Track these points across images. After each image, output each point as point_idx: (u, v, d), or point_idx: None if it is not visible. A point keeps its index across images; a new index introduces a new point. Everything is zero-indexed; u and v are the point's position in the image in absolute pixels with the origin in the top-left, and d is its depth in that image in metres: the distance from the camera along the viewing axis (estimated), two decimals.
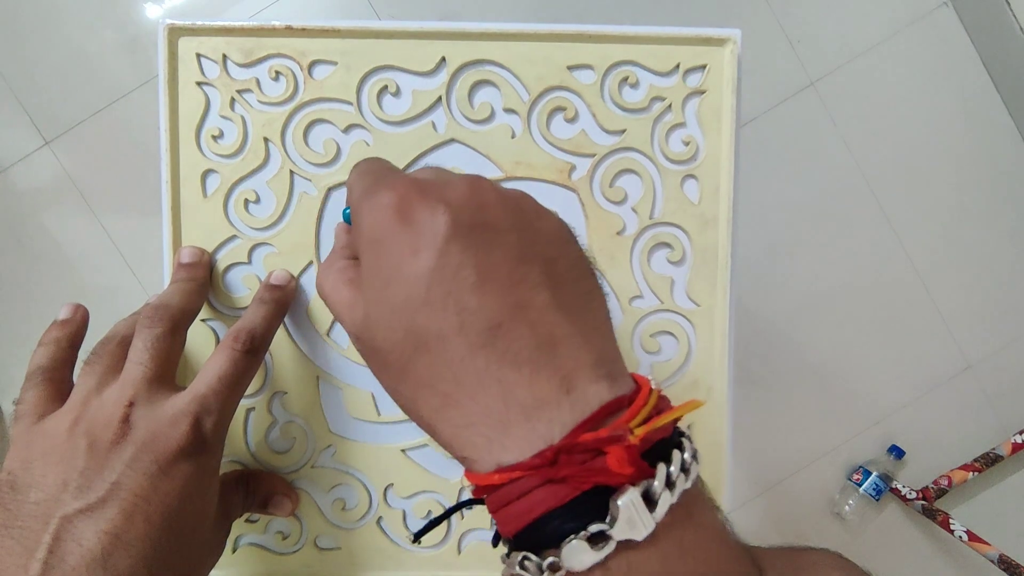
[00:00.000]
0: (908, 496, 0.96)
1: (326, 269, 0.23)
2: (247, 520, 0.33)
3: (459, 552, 0.33)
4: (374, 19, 0.88)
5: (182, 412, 0.25)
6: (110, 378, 0.26)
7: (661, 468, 0.16)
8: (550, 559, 0.16)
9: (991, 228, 0.98)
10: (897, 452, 0.97)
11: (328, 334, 0.32)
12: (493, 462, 0.17)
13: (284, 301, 0.31)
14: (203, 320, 0.32)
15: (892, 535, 1.01)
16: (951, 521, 0.91)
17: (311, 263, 0.32)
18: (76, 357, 0.28)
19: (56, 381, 0.27)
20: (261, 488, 0.32)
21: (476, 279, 0.18)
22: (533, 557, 0.16)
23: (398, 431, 0.33)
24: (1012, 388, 1.00)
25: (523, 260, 0.18)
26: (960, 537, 0.90)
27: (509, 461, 0.17)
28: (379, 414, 0.33)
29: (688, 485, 0.17)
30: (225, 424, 0.27)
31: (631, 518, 0.16)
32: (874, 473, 0.96)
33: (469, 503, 0.20)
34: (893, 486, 0.97)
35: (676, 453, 0.17)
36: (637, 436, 0.16)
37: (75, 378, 0.27)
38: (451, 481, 0.33)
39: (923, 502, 0.94)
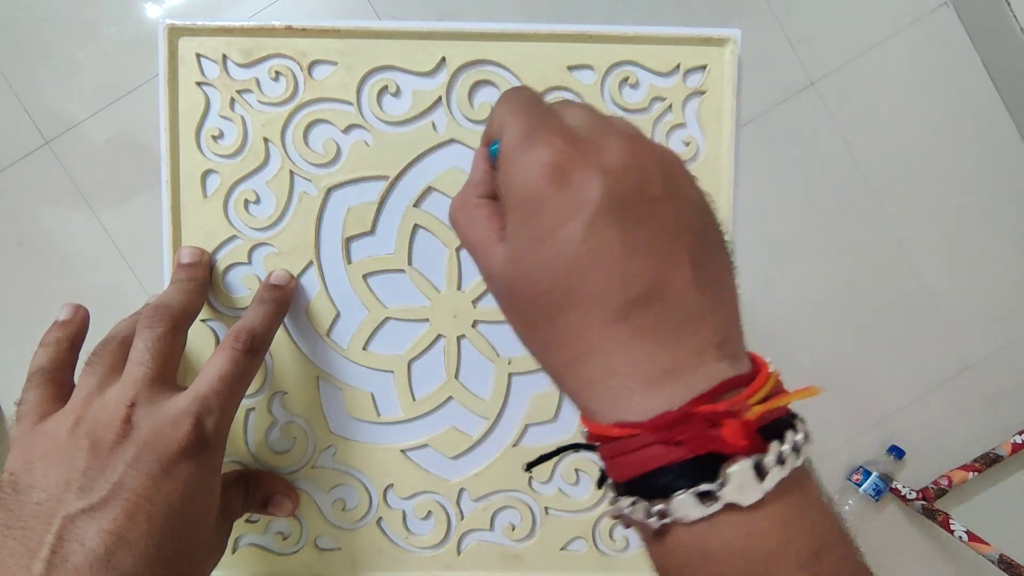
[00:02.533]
0: (908, 496, 0.96)
1: (462, 204, 0.23)
2: (247, 520, 0.33)
3: (459, 552, 0.33)
4: (374, 19, 0.88)
5: (184, 412, 0.25)
6: (111, 378, 0.26)
7: (775, 445, 0.18)
8: (659, 506, 0.18)
9: (991, 228, 0.98)
10: (897, 452, 0.97)
11: (328, 334, 0.32)
12: (614, 418, 0.19)
13: (284, 301, 0.31)
14: (203, 320, 0.32)
15: (892, 535, 1.01)
16: (951, 521, 0.91)
17: (311, 263, 0.32)
18: (77, 358, 0.28)
19: (57, 382, 0.27)
20: (261, 488, 0.32)
21: (623, 252, 0.18)
22: (644, 502, 0.18)
23: (398, 431, 0.33)
24: (1012, 388, 1.00)
25: (671, 234, 0.19)
26: (960, 537, 0.90)
27: (630, 419, 0.18)
28: (379, 414, 0.33)
29: (798, 463, 0.18)
30: (227, 424, 0.27)
31: (741, 484, 0.17)
32: (874, 473, 0.96)
33: (581, 446, 0.22)
34: (893, 486, 0.97)
35: (789, 433, 0.18)
36: (755, 413, 0.17)
37: (76, 379, 0.27)
38: (451, 482, 0.33)
39: (923, 502, 0.94)
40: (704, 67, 0.32)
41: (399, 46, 0.31)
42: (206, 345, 0.32)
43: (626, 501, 0.19)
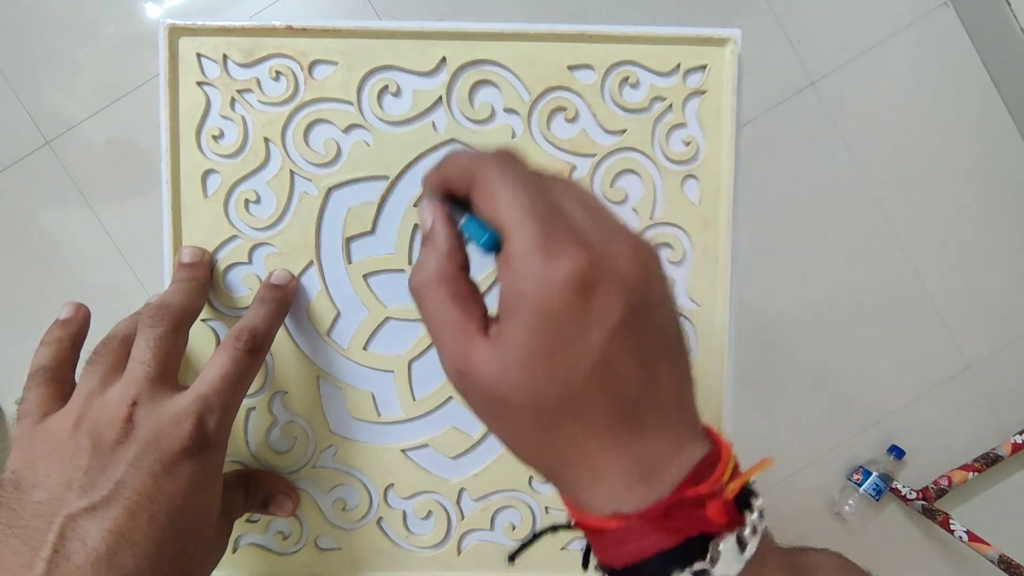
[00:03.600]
0: (908, 496, 0.96)
1: (437, 279, 0.21)
2: (247, 520, 0.33)
3: (459, 553, 0.33)
4: (374, 19, 0.88)
5: (185, 411, 0.25)
6: (113, 377, 0.26)
7: (749, 516, 0.20)
8: None
9: (991, 228, 0.98)
10: (897, 452, 0.97)
11: (328, 334, 0.32)
12: (610, 509, 0.20)
13: (285, 300, 0.31)
14: (204, 320, 0.32)
15: (892, 535, 1.01)
16: (951, 521, 0.91)
17: (311, 263, 0.32)
18: (78, 357, 0.28)
19: (58, 381, 0.27)
20: (261, 488, 0.32)
21: (631, 358, 0.19)
22: None
23: (398, 431, 0.33)
24: (1012, 388, 1.00)
25: (663, 335, 0.20)
26: (960, 537, 0.90)
27: (627, 510, 0.19)
28: (379, 414, 0.33)
29: (763, 526, 0.20)
30: (228, 423, 0.27)
31: (728, 559, 0.19)
32: (874, 473, 0.96)
33: (560, 527, 0.23)
34: (893, 486, 0.97)
35: (754, 500, 0.20)
36: (731, 491, 0.19)
37: (77, 378, 0.27)
38: (451, 481, 0.33)
39: (923, 502, 0.94)
40: (704, 67, 0.32)
41: (399, 46, 0.31)
42: (207, 345, 0.32)
43: None
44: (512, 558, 0.26)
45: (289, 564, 0.33)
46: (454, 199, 0.23)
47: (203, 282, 0.30)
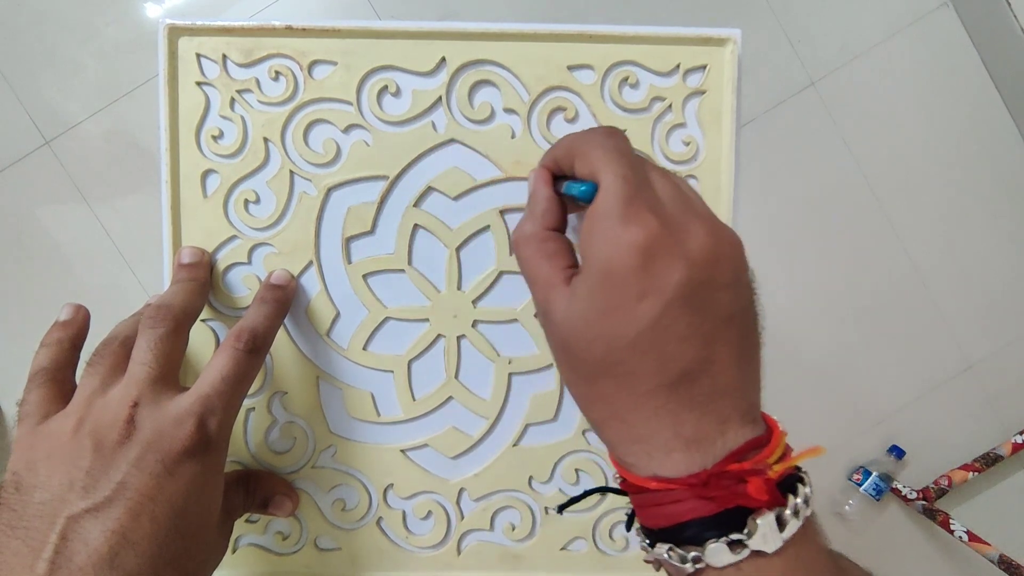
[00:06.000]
0: (908, 496, 0.96)
1: (529, 236, 0.24)
2: (247, 520, 0.33)
3: (459, 553, 0.33)
4: (374, 19, 0.88)
5: (187, 412, 0.25)
6: (113, 378, 0.26)
7: (791, 499, 0.20)
8: (694, 553, 0.20)
9: (991, 228, 0.98)
10: (897, 452, 0.97)
11: (328, 334, 0.32)
12: (650, 471, 0.21)
13: (285, 301, 0.31)
14: (203, 320, 0.32)
15: (892, 535, 1.01)
16: (951, 521, 0.91)
17: (311, 263, 0.32)
18: (78, 358, 0.28)
19: (59, 382, 0.27)
20: (261, 488, 0.32)
21: (684, 333, 0.20)
22: (678, 549, 0.20)
23: (398, 431, 0.33)
24: (1012, 388, 1.00)
25: (727, 318, 0.21)
26: (960, 537, 0.90)
27: (666, 475, 0.20)
28: (379, 415, 0.33)
29: (808, 513, 0.21)
30: (229, 424, 0.27)
31: (765, 534, 0.19)
32: (874, 473, 0.96)
33: (613, 490, 0.24)
34: (893, 486, 0.97)
35: (800, 487, 0.21)
36: (776, 472, 0.20)
37: (78, 379, 0.27)
38: (451, 482, 0.33)
39: (923, 502, 0.94)
40: (704, 67, 0.32)
41: (399, 46, 0.31)
42: (207, 345, 0.32)
43: (663, 548, 0.21)
44: (561, 509, 0.28)
45: (289, 564, 0.33)
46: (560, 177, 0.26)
47: (203, 282, 0.30)
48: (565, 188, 0.25)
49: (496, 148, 0.32)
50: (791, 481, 0.21)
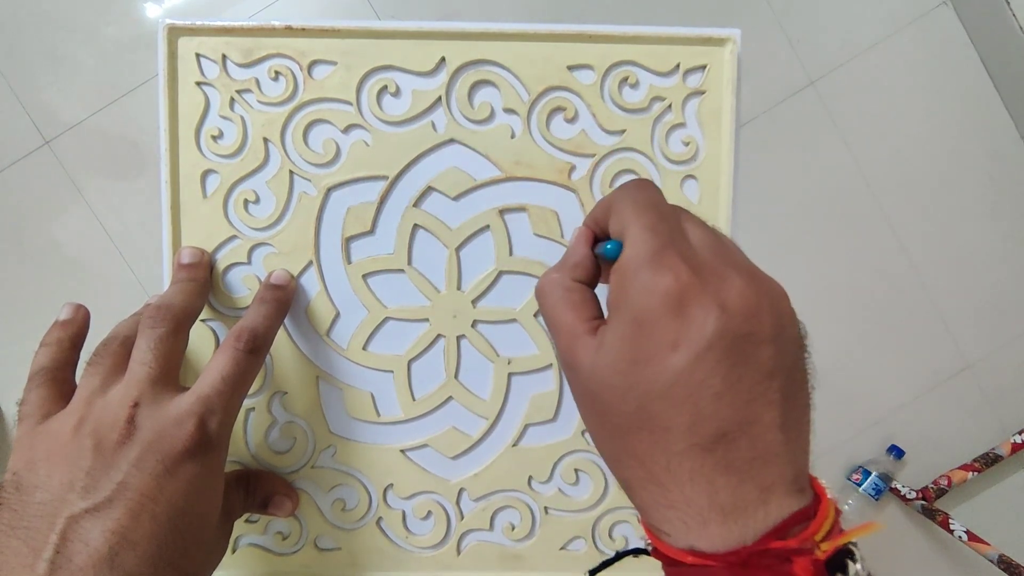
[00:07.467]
0: (908, 496, 0.96)
1: (555, 284, 0.23)
2: (247, 520, 0.33)
3: (459, 552, 0.33)
4: (374, 19, 0.88)
5: (187, 412, 0.25)
6: (114, 378, 0.26)
7: None
8: None
9: (989, 227, 0.98)
10: (897, 452, 0.97)
11: (328, 334, 0.32)
12: (686, 543, 0.19)
13: (285, 301, 0.31)
14: (203, 320, 0.32)
15: (892, 535, 1.01)
16: (951, 521, 0.91)
17: (311, 263, 0.32)
18: (78, 357, 0.28)
19: (59, 382, 0.27)
20: (261, 488, 0.32)
21: (720, 388, 0.19)
22: None
23: (398, 432, 0.33)
24: (1011, 388, 1.00)
25: (769, 375, 0.19)
26: (960, 537, 0.90)
27: (703, 549, 0.19)
28: (379, 415, 0.33)
29: None
30: (229, 424, 0.27)
31: None
32: (873, 473, 0.96)
33: (640, 551, 0.23)
34: (893, 486, 0.97)
35: (851, 564, 0.18)
36: (824, 552, 0.18)
37: (78, 379, 0.27)
38: (450, 482, 0.33)
39: (923, 502, 0.94)
40: (704, 67, 0.32)
41: (399, 46, 0.31)
42: (207, 345, 0.32)
43: None
44: (593, 573, 0.26)
45: (288, 564, 0.33)
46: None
47: (203, 282, 0.30)
48: (597, 249, 0.24)
49: (496, 148, 0.32)
50: (840, 557, 0.19)
